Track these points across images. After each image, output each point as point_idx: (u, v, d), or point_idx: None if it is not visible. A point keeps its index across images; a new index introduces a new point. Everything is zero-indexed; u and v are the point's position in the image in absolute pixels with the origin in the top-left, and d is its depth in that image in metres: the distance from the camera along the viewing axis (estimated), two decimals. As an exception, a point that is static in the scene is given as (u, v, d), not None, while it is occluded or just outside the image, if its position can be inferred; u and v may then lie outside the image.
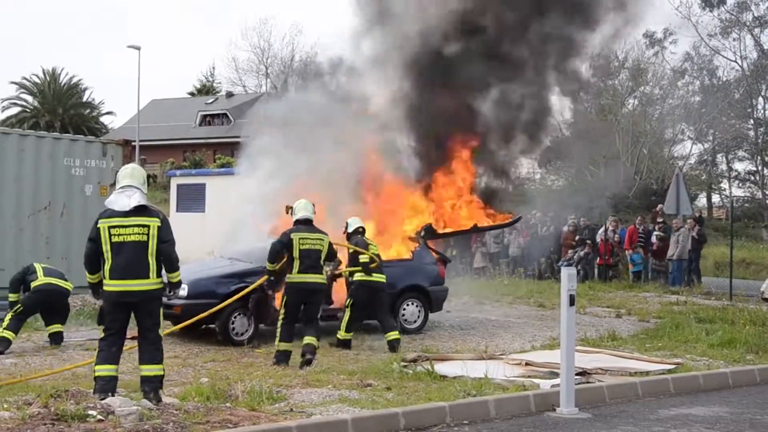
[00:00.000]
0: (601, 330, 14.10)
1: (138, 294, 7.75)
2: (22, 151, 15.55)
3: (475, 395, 8.52)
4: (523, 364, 10.44)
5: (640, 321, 15.92)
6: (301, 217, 11.06)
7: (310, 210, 11.15)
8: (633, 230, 23.96)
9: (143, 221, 7.83)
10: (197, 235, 20.75)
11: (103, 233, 7.76)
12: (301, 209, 11.11)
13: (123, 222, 7.77)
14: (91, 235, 7.85)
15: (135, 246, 7.74)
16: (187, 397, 7.98)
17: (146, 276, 7.75)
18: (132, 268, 7.71)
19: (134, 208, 7.83)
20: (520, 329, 14.82)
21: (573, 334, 8.70)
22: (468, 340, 13.33)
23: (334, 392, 8.78)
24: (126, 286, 7.72)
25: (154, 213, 8.02)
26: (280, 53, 59.28)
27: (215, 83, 71.20)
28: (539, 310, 17.59)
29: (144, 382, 7.84)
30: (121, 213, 7.80)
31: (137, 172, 8.17)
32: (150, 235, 7.81)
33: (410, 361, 10.47)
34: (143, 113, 54.95)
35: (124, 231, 7.74)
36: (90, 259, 7.94)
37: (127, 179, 8.04)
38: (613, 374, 9.98)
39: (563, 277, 8.71)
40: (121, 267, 7.70)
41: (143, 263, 7.76)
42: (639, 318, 16.29)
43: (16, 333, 11.64)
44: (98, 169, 16.44)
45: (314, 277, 10.87)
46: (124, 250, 7.72)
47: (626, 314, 16.88)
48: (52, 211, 15.80)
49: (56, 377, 9.36)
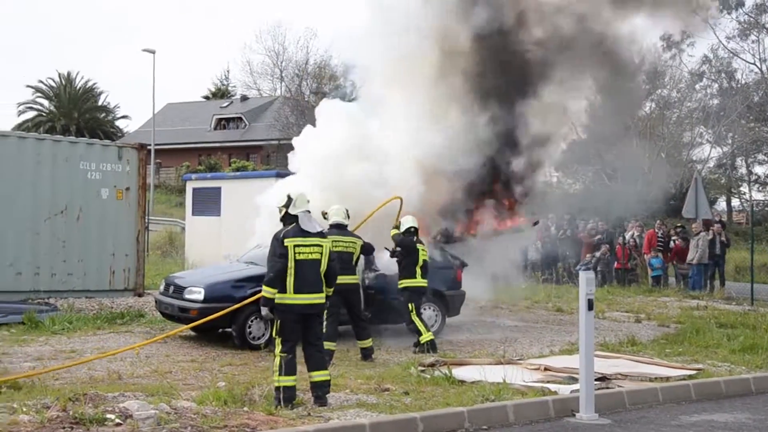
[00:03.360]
0: (620, 335, 14.04)
1: (317, 306, 8.67)
2: (39, 155, 15.69)
3: (494, 400, 8.49)
4: (542, 369, 10.39)
5: (659, 326, 15.84)
6: (334, 221, 11.64)
7: (343, 215, 11.72)
8: (652, 234, 23.89)
9: (319, 242, 8.72)
10: (213, 239, 20.80)
11: (290, 251, 8.52)
12: (335, 214, 11.71)
13: (305, 242, 8.62)
14: (280, 252, 8.55)
15: (313, 264, 8.61)
16: (205, 401, 7.99)
17: (321, 290, 8.68)
18: (312, 283, 8.59)
19: (318, 231, 8.79)
20: (538, 334, 14.78)
21: (592, 338, 8.66)
22: (486, 344, 13.29)
23: (351, 397, 8.78)
24: (309, 299, 8.56)
25: (324, 234, 8.94)
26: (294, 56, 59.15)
27: (230, 87, 71.53)
28: (557, 315, 17.54)
29: (316, 387, 8.50)
30: (303, 234, 8.63)
31: (306, 198, 8.93)
32: (323, 254, 8.69)
33: (428, 366, 10.45)
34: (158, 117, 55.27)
35: (306, 250, 8.61)
36: (280, 275, 8.52)
37: (306, 205, 8.85)
38: (633, 380, 9.93)
39: (581, 281, 8.67)
40: (304, 282, 8.52)
41: (318, 279, 8.65)
42: (659, 323, 16.21)
43: None
44: (114, 173, 16.56)
45: (347, 278, 11.31)
46: (306, 267, 8.55)
47: (646, 319, 16.80)
48: (69, 215, 15.92)
49: (73, 381, 9.41)
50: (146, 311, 15.04)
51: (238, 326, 12.17)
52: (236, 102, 64.25)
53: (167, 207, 47.14)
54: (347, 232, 11.79)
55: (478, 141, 14.91)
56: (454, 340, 13.79)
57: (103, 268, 16.27)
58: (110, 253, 16.35)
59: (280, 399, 8.19)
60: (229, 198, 21.94)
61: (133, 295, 16.43)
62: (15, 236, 15.22)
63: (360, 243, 11.83)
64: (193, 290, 12.60)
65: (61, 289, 15.64)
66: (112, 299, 15.82)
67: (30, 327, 13.47)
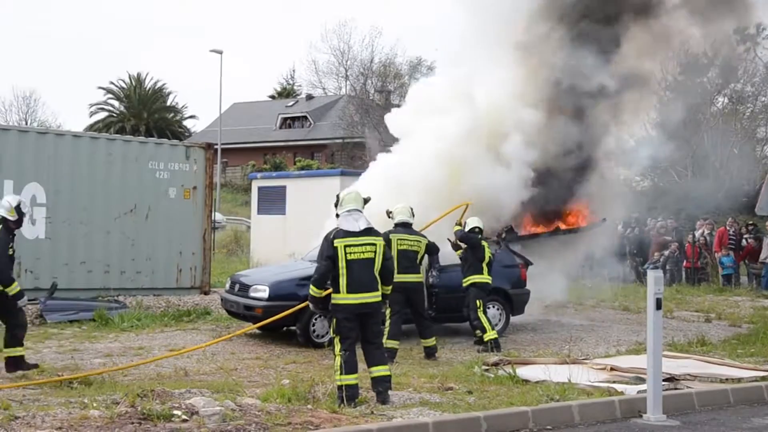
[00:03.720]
0: (689, 335, 13.78)
1: (372, 305, 8.67)
2: (110, 155, 16.02)
3: (559, 400, 8.41)
4: (608, 369, 10.26)
5: (731, 326, 15.51)
6: (399, 220, 11.78)
7: (408, 213, 11.86)
8: (723, 232, 23.37)
9: (372, 240, 8.72)
10: (278, 238, 21.00)
11: (340, 252, 8.55)
12: (400, 213, 11.85)
13: (356, 241, 8.64)
14: (329, 253, 8.61)
15: (366, 263, 8.63)
16: (269, 399, 8.09)
17: (376, 289, 8.67)
18: (365, 282, 8.61)
19: (363, 230, 8.69)
20: (604, 333, 14.60)
21: (660, 338, 8.52)
22: (550, 343, 13.19)
23: (414, 395, 8.79)
24: (363, 298, 8.58)
25: (378, 233, 8.93)
26: (359, 55, 59.53)
27: (295, 86, 72.18)
28: (624, 314, 17.30)
29: (377, 382, 8.58)
30: (353, 233, 8.65)
31: (359, 197, 9.00)
32: (377, 252, 8.71)
33: (492, 365, 10.41)
34: (225, 116, 56.04)
35: (358, 249, 8.62)
36: (325, 276, 8.66)
37: (352, 203, 8.89)
38: (702, 380, 9.74)
39: (649, 279, 8.54)
40: (357, 282, 8.56)
41: (372, 278, 8.66)
42: (730, 323, 15.86)
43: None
44: (182, 172, 16.80)
45: (412, 277, 11.57)
46: (358, 266, 8.59)
47: (716, 319, 16.46)
48: (138, 214, 16.22)
49: (142, 377, 9.62)
50: (212, 309, 15.28)
51: (302, 324, 12.27)
52: (301, 101, 64.82)
53: (233, 206, 47.79)
54: (412, 230, 11.87)
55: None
56: (518, 339, 13.72)
57: (170, 267, 16.55)
58: (177, 251, 16.62)
59: (342, 398, 8.23)
60: (294, 197, 22.12)
61: (199, 293, 16.68)
62: (86, 235, 15.57)
63: (425, 242, 11.88)
64: (258, 288, 12.75)
65: (130, 287, 15.95)
66: (179, 297, 16.09)
67: (100, 324, 13.82)
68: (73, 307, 14.37)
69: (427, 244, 11.95)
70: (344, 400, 8.20)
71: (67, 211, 15.40)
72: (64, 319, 14.03)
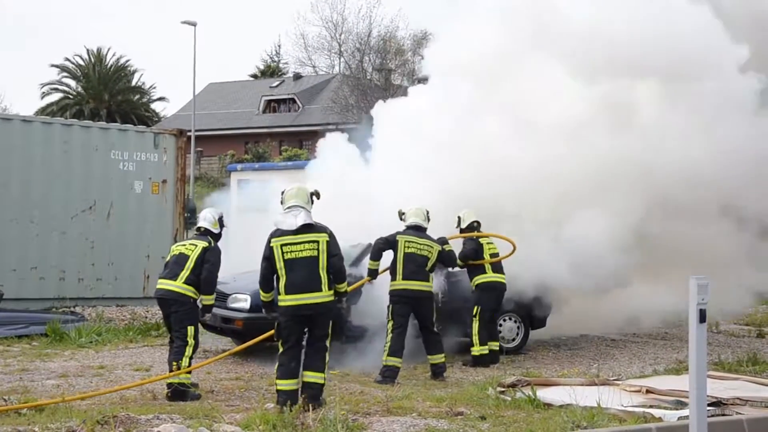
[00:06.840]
0: (738, 352, 13.82)
1: (313, 306, 9.15)
2: (66, 143, 16.01)
3: (586, 427, 8.41)
4: (644, 392, 10.28)
5: (787, 342, 15.52)
6: (411, 223, 11.96)
7: (421, 216, 11.99)
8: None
9: (313, 237, 9.23)
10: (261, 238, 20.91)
11: (276, 251, 9.19)
12: (413, 215, 11.99)
13: (294, 240, 9.20)
14: (265, 254, 9.32)
15: (307, 261, 9.16)
16: (251, 425, 8.07)
17: (319, 289, 9.15)
18: (306, 282, 9.12)
19: (301, 226, 9.19)
20: (638, 349, 14.62)
21: (704, 356, 8.47)
22: (576, 361, 13.20)
23: (419, 422, 8.76)
24: (302, 299, 9.11)
25: (322, 228, 9.35)
26: (355, 28, 59.40)
27: (281, 64, 72.24)
28: (662, 328, 17.29)
29: (305, 387, 9.15)
30: (290, 231, 9.18)
31: (302, 192, 9.51)
32: (320, 250, 9.20)
33: (508, 386, 10.41)
34: (200, 99, 56.05)
35: (296, 248, 9.18)
36: (266, 279, 9.40)
37: (293, 200, 9.43)
38: (754, 405, 9.74)
39: (692, 288, 8.50)
40: (296, 282, 9.11)
41: (315, 277, 9.16)
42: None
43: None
44: (149, 163, 16.81)
45: (418, 284, 11.63)
46: (298, 266, 9.14)
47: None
48: (98, 212, 16.21)
49: (103, 401, 9.59)
50: (185, 321, 15.23)
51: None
52: (288, 81, 64.82)
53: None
54: (425, 234, 11.93)
55: None
56: (539, 356, 13.73)
57: (136, 273, 16.55)
58: (144, 255, 16.63)
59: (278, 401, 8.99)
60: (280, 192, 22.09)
61: (170, 303, 16.67)
62: (38, 236, 15.54)
63: (438, 249, 11.91)
64: (238, 297, 12.68)
65: (90, 297, 15.97)
66: (146, 308, 16.08)
67: (54, 339, 13.80)
68: (23, 320, 14.34)
69: (441, 251, 11.96)
70: (278, 403, 8.96)
71: (16, 209, 15.41)
72: (11, 333, 13.98)
